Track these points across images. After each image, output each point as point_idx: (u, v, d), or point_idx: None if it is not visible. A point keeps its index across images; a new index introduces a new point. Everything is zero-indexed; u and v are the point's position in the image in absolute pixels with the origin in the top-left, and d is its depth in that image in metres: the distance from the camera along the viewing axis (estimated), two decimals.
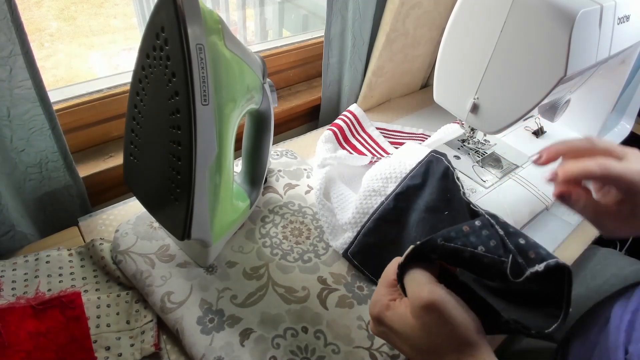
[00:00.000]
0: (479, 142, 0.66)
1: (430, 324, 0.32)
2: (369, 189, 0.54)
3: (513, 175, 0.62)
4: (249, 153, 0.56)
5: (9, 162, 0.50)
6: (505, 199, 0.57)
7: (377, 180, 0.55)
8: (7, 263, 0.48)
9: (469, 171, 0.61)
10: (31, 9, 1.88)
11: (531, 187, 0.60)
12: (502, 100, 0.50)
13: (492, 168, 0.62)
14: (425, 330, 0.32)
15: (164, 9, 0.34)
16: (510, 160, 0.64)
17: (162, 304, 0.45)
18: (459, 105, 0.54)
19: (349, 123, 0.74)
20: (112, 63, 1.83)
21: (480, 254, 0.33)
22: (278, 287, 0.50)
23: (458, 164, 0.62)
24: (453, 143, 0.65)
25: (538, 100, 0.46)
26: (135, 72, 0.39)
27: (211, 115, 0.38)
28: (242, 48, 0.42)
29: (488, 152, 0.65)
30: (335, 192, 0.60)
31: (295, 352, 0.44)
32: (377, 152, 0.72)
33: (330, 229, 0.56)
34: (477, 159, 0.63)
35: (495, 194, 0.57)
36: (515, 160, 0.64)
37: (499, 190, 0.58)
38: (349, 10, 0.71)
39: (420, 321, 0.32)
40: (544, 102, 0.49)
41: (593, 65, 0.48)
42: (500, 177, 0.61)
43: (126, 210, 0.59)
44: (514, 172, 0.62)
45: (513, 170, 0.62)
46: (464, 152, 0.64)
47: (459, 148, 0.65)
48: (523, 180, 0.61)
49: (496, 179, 0.60)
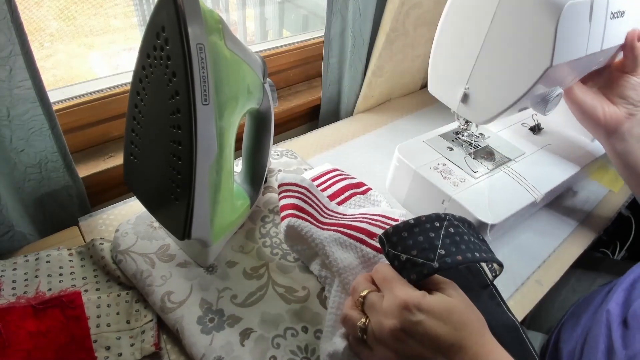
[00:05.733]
0: (473, 135, 0.67)
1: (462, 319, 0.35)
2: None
3: (504, 167, 0.62)
4: (249, 153, 0.56)
5: (9, 162, 0.49)
6: (494, 189, 0.58)
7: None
8: (7, 263, 0.48)
9: (460, 162, 0.61)
10: (31, 9, 1.88)
11: (521, 180, 0.60)
12: (491, 90, 0.51)
13: (485, 160, 0.63)
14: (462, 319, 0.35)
15: (164, 8, 0.34)
16: (504, 154, 0.65)
17: (162, 303, 0.45)
18: (450, 95, 0.55)
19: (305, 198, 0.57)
20: (112, 63, 1.83)
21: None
22: (278, 286, 0.50)
23: (451, 155, 0.63)
24: (447, 135, 0.66)
25: (525, 90, 0.47)
26: (136, 71, 0.39)
27: (211, 115, 0.38)
28: (243, 48, 0.42)
29: (482, 145, 0.66)
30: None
31: (295, 351, 0.44)
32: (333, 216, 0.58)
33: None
34: (470, 151, 0.64)
35: (484, 185, 0.59)
36: (508, 154, 0.65)
37: (488, 181, 0.59)
38: (349, 10, 0.71)
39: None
40: (535, 94, 0.50)
41: (584, 58, 0.49)
42: (492, 169, 0.61)
43: (126, 210, 0.59)
44: (506, 165, 0.63)
45: (505, 164, 0.63)
46: (457, 144, 0.65)
47: (453, 140, 0.65)
48: (514, 173, 0.61)
49: (487, 170, 0.61)
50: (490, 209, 0.54)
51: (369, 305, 0.38)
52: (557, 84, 0.52)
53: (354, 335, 0.39)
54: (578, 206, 0.68)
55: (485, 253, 0.39)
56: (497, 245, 0.43)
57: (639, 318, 0.45)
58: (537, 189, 0.59)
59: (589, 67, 0.55)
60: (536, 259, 0.59)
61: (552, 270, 0.58)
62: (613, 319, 0.47)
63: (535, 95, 0.50)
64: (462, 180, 0.58)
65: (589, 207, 0.68)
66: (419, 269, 0.37)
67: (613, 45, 0.52)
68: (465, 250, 0.37)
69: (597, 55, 0.52)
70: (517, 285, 0.55)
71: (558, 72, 0.48)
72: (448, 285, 0.37)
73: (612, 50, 0.53)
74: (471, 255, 0.37)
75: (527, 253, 0.59)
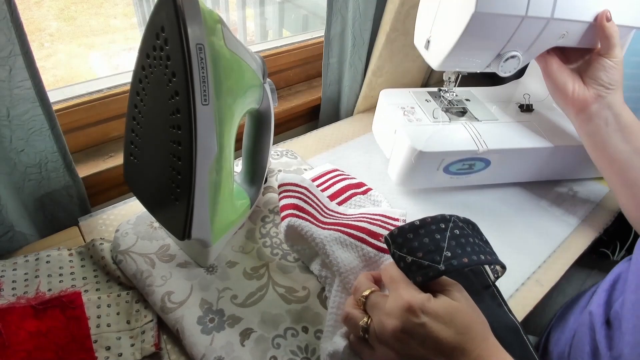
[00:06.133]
0: (456, 96, 0.71)
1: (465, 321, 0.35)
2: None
3: (466, 122, 0.66)
4: (249, 153, 0.56)
5: (8, 162, 0.49)
6: (442, 131, 0.64)
7: None
8: (8, 263, 0.48)
9: (428, 109, 0.68)
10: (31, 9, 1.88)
11: (475, 133, 0.64)
12: (441, 38, 0.56)
13: (453, 115, 0.68)
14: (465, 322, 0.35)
15: (164, 8, 0.34)
16: (474, 115, 0.68)
17: (162, 303, 0.45)
18: (420, 44, 0.62)
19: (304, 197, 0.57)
20: (112, 63, 1.83)
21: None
22: (278, 287, 0.50)
23: (424, 104, 0.69)
24: (434, 93, 0.72)
25: (458, 36, 0.52)
26: (136, 72, 0.39)
27: (211, 115, 0.38)
28: (242, 48, 0.42)
29: (459, 105, 0.70)
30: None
31: (295, 352, 0.44)
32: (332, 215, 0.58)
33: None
34: (445, 106, 0.69)
35: (437, 127, 0.65)
36: (478, 116, 0.68)
37: (442, 126, 0.65)
38: (349, 10, 0.71)
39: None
40: (489, 52, 0.55)
41: (528, 20, 0.51)
42: (451, 120, 0.66)
43: (126, 210, 0.59)
44: (469, 121, 0.66)
45: (469, 120, 0.66)
46: (437, 99, 0.71)
47: (437, 97, 0.71)
48: (471, 128, 0.65)
49: (447, 120, 0.66)
50: (427, 141, 0.61)
51: (371, 305, 0.38)
52: (506, 41, 0.54)
53: (355, 334, 0.39)
54: (578, 206, 0.68)
55: (489, 255, 0.39)
56: (496, 244, 0.43)
57: (620, 318, 0.45)
58: (485, 143, 0.62)
59: (550, 39, 0.56)
60: (536, 259, 0.59)
61: (552, 270, 0.58)
62: (596, 320, 0.48)
63: (486, 51, 0.56)
64: (419, 120, 0.66)
65: (589, 207, 0.68)
66: (425, 272, 0.37)
67: (572, 18, 0.54)
68: (471, 253, 0.37)
69: (552, 26, 0.53)
70: (517, 285, 0.55)
71: (491, 24, 0.51)
72: (454, 288, 0.37)
73: (575, 26, 0.55)
74: (477, 257, 0.37)
75: (527, 253, 0.59)
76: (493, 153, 0.63)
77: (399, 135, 0.63)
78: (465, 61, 0.57)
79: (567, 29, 0.55)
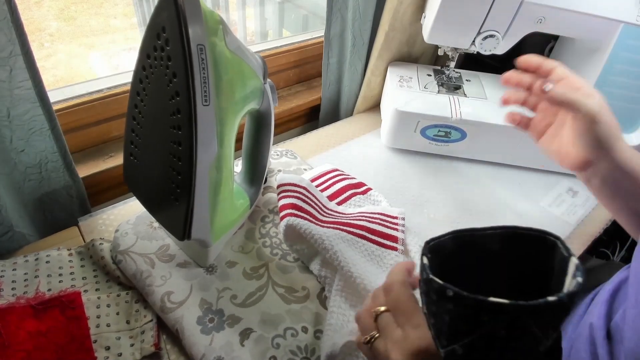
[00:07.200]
0: (455, 73, 0.77)
1: None
2: None
3: (452, 94, 0.71)
4: (249, 153, 0.56)
5: (9, 162, 0.49)
6: (425, 97, 0.70)
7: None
8: (7, 263, 0.48)
9: (423, 81, 0.75)
10: (31, 9, 1.88)
11: (455, 104, 0.68)
12: (430, 12, 0.64)
13: (444, 88, 0.73)
14: None
15: (165, 9, 0.34)
16: (466, 92, 0.73)
17: (162, 303, 0.45)
18: (422, 21, 0.70)
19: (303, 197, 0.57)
20: (112, 63, 1.83)
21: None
22: (278, 287, 0.50)
23: (423, 77, 0.76)
24: (439, 70, 0.78)
25: (437, 8, 0.60)
26: (136, 72, 0.39)
27: (212, 116, 0.38)
28: (243, 48, 0.42)
29: (456, 82, 0.75)
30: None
31: (295, 352, 0.44)
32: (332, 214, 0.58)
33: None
34: (442, 80, 0.75)
35: (422, 93, 0.71)
36: (469, 93, 0.72)
37: (428, 93, 0.71)
38: (349, 10, 0.71)
39: None
40: (469, 28, 0.62)
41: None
42: (439, 92, 0.71)
43: (126, 210, 0.59)
44: (456, 94, 0.71)
45: (457, 94, 0.71)
46: (439, 75, 0.77)
47: (439, 74, 0.77)
48: (454, 100, 0.70)
49: (435, 90, 0.72)
50: (406, 103, 0.68)
51: (382, 326, 0.36)
52: (482, 18, 0.60)
53: (361, 335, 0.38)
54: (578, 206, 0.68)
55: None
56: None
57: (621, 330, 0.44)
58: (460, 113, 0.67)
59: (527, 22, 0.59)
60: None
61: None
62: (597, 334, 0.46)
63: (466, 27, 0.62)
64: (410, 87, 0.73)
65: (589, 207, 0.68)
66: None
67: (547, 4, 0.56)
68: None
69: (526, 8, 0.57)
70: None
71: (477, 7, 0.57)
72: None
73: (551, 12, 0.57)
74: None
75: None
76: (468, 124, 0.66)
77: (386, 97, 0.71)
78: (450, 37, 0.65)
79: (543, 14, 0.57)
